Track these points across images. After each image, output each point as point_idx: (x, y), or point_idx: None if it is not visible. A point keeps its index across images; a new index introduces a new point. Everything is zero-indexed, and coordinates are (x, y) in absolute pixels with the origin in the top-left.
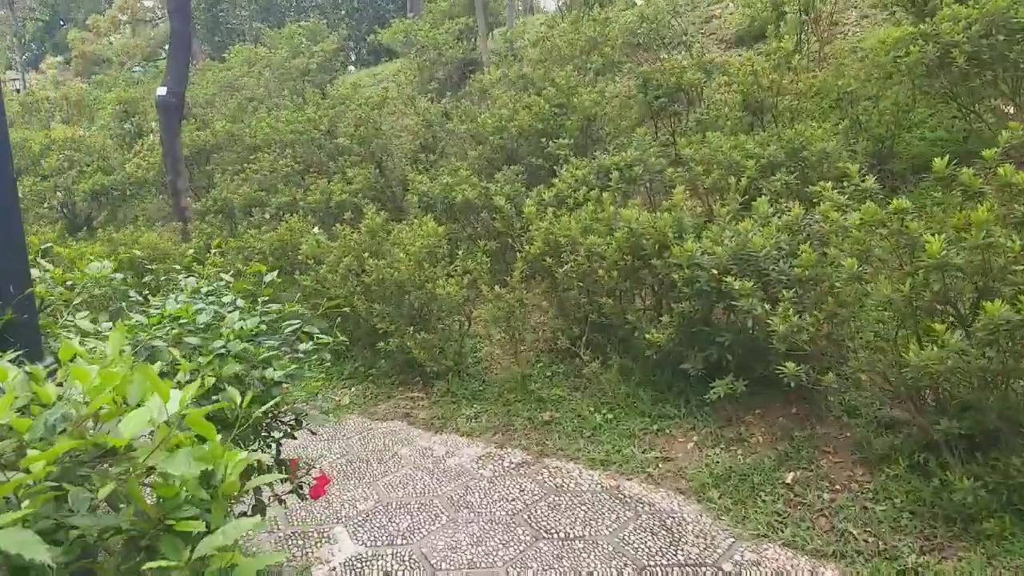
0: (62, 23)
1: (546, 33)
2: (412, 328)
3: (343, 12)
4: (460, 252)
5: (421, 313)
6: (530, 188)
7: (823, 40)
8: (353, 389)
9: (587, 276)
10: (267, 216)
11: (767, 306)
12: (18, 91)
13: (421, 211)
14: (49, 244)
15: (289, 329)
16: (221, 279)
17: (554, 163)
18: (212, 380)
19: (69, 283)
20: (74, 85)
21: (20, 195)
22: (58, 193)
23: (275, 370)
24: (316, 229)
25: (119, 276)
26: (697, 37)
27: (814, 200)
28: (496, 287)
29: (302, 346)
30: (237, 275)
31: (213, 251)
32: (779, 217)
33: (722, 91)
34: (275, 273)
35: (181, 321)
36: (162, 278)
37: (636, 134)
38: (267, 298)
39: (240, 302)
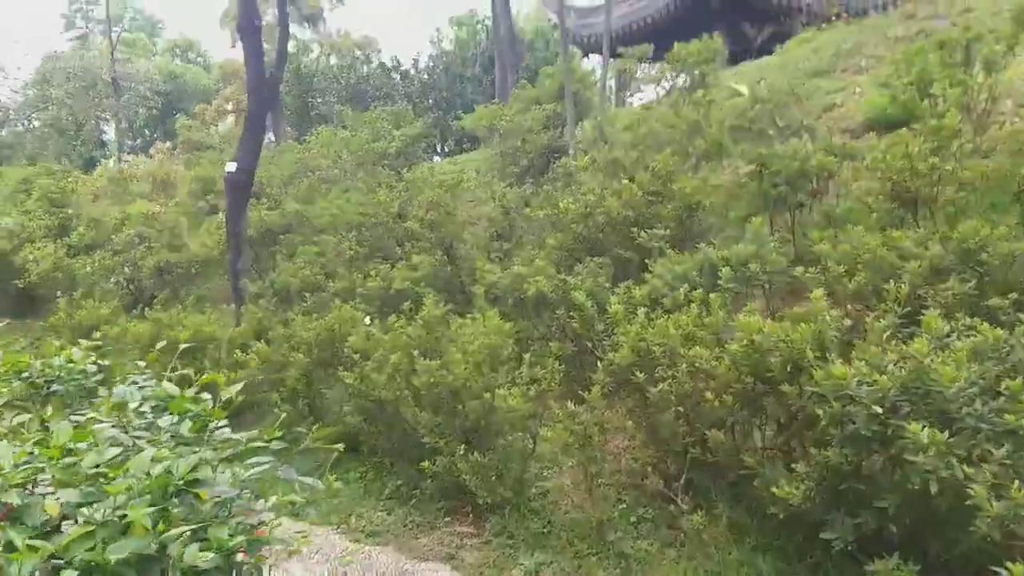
0: (174, 112)
1: (642, 115)
2: (464, 446)
3: (431, 101)
4: (528, 356)
5: (476, 428)
6: (616, 284)
7: (978, 127)
8: (392, 515)
9: (688, 398)
10: (310, 302)
11: (964, 467)
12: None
13: (488, 305)
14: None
15: (249, 474)
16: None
17: (646, 256)
18: None
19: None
20: (163, 165)
21: (90, 270)
22: (125, 269)
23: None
24: (367, 319)
25: (91, 368)
26: (818, 125)
27: (1000, 317)
28: (570, 403)
29: (261, 503)
30: (188, 383)
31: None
32: (957, 338)
33: (862, 178)
34: (236, 387)
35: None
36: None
37: (751, 226)
38: (220, 421)
39: (184, 426)
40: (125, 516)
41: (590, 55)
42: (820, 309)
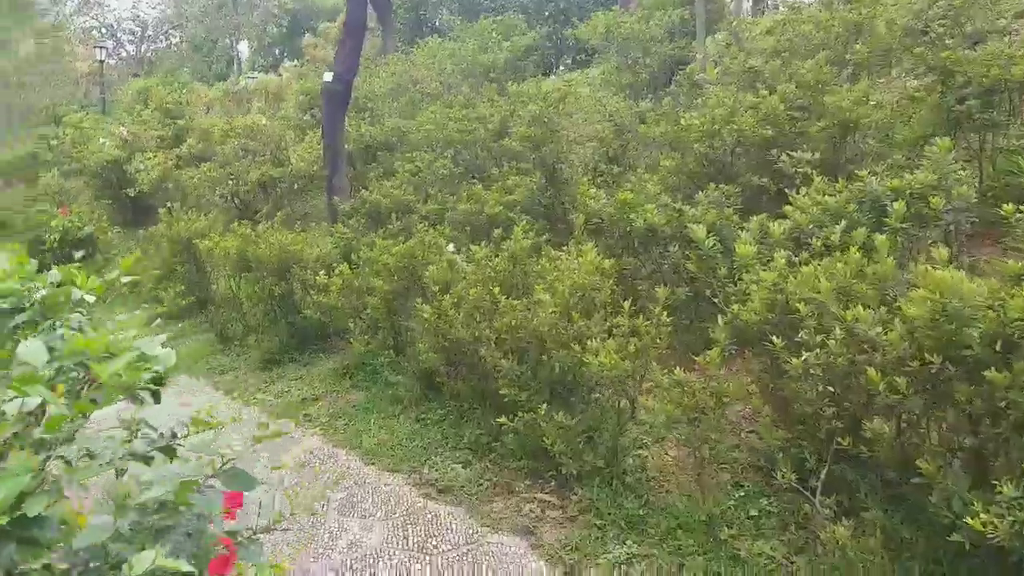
0: (302, 31)
1: (788, 17)
2: (548, 403)
3: (547, 13)
4: (629, 302)
5: (563, 383)
6: (747, 218)
7: None
8: (468, 469)
9: (842, 375)
10: (396, 224)
11: None
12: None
13: (588, 237)
14: None
15: None
16: None
17: (786, 184)
18: None
19: None
20: (275, 79)
21: (196, 181)
22: (229, 181)
23: None
24: (451, 247)
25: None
26: (1016, 29)
27: None
28: (678, 368)
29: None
30: None
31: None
32: None
33: None
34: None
35: None
36: None
37: (932, 149)
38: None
39: None
40: None
41: None
42: None
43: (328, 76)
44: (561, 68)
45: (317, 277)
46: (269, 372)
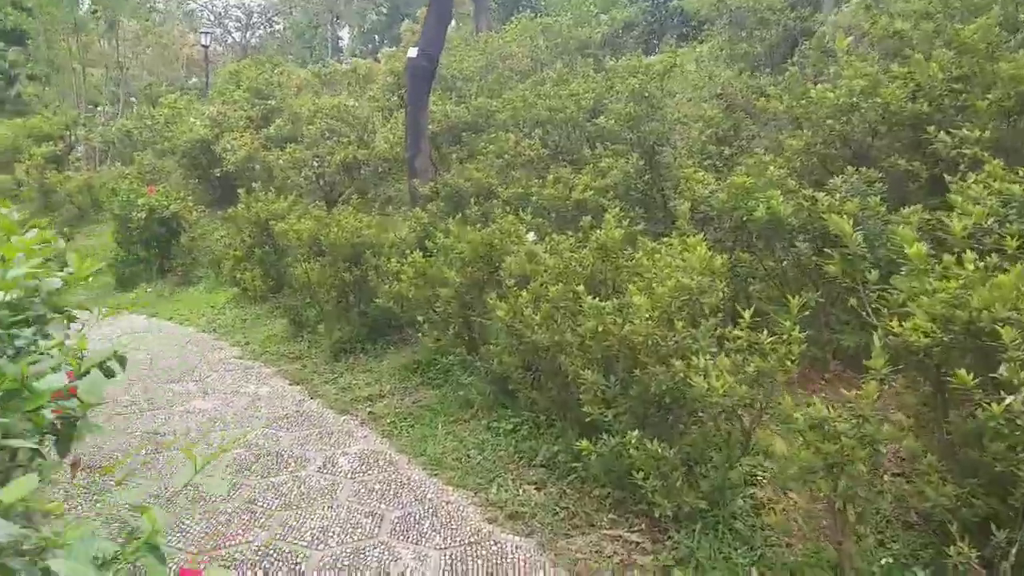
0: (402, 18)
1: None
2: (640, 427)
3: None
4: (748, 309)
5: (660, 405)
6: (894, 208)
7: None
8: (542, 492)
9: None
10: (476, 209)
11: None
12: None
13: (694, 228)
14: None
15: None
16: None
17: (945, 169)
18: None
19: None
20: (368, 62)
21: (282, 162)
22: (314, 163)
23: None
24: (531, 235)
25: None
26: None
27: None
28: (813, 397)
29: None
30: None
31: None
32: None
33: None
34: None
35: None
36: None
37: None
38: None
39: None
40: None
41: None
42: None
43: (413, 52)
44: (664, 45)
45: (389, 264)
46: (338, 363)
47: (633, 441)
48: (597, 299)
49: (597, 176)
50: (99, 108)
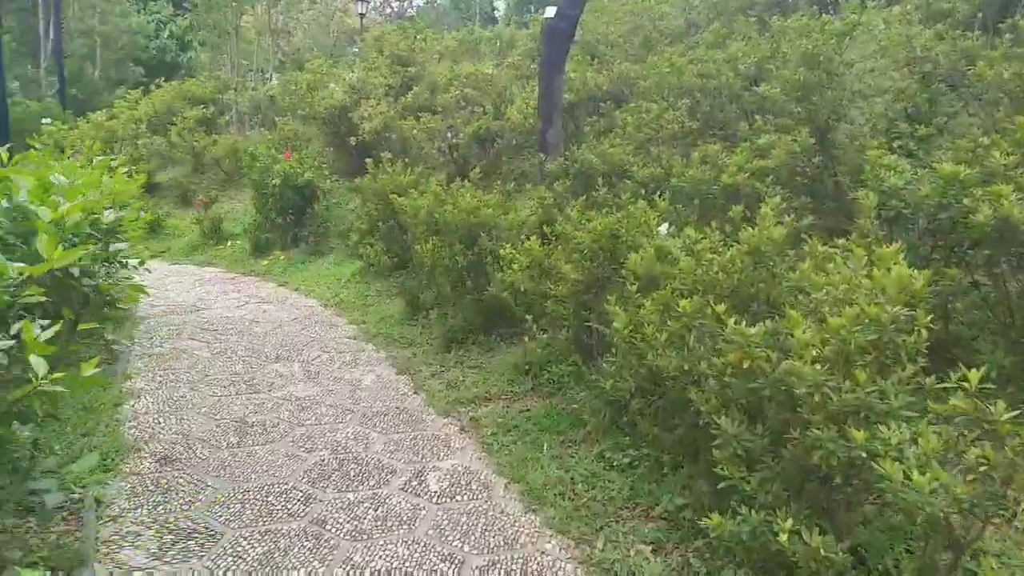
0: None
1: None
2: (793, 501)
3: None
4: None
5: (825, 475)
6: None
7: None
8: (663, 559)
9: None
10: (604, 191)
11: None
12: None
13: (882, 228)
14: None
15: None
16: None
17: None
18: None
19: None
20: (512, 29)
21: (416, 132)
22: (447, 134)
23: None
24: (664, 228)
25: None
26: None
27: None
28: None
29: None
30: None
31: None
32: None
33: None
34: None
35: None
36: None
37: None
38: None
39: None
40: None
41: None
42: None
43: (551, 11)
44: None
45: (503, 249)
46: (448, 353)
47: (787, 527)
48: (744, 322)
49: (754, 156)
50: (251, 73)
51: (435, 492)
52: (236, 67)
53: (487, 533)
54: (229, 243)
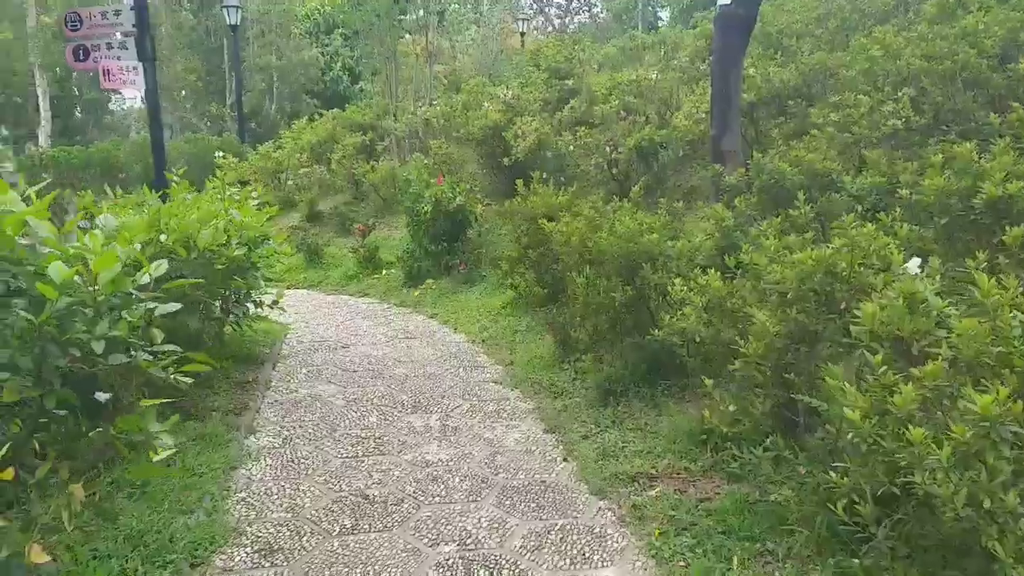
0: None
1: None
2: None
3: None
4: None
5: None
6: None
7: None
8: None
9: None
10: (806, 209)
11: None
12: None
13: None
14: None
15: None
16: None
17: None
18: None
19: None
20: (677, 30)
21: (572, 148)
22: (606, 148)
23: None
24: (913, 263)
25: None
26: None
27: None
28: None
29: None
30: None
31: None
32: None
33: None
34: None
35: None
36: None
37: None
38: None
39: None
40: None
41: None
42: None
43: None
44: None
45: (671, 285)
46: (605, 408)
47: None
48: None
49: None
50: (411, 97)
51: None
52: (394, 92)
53: None
54: (384, 272)
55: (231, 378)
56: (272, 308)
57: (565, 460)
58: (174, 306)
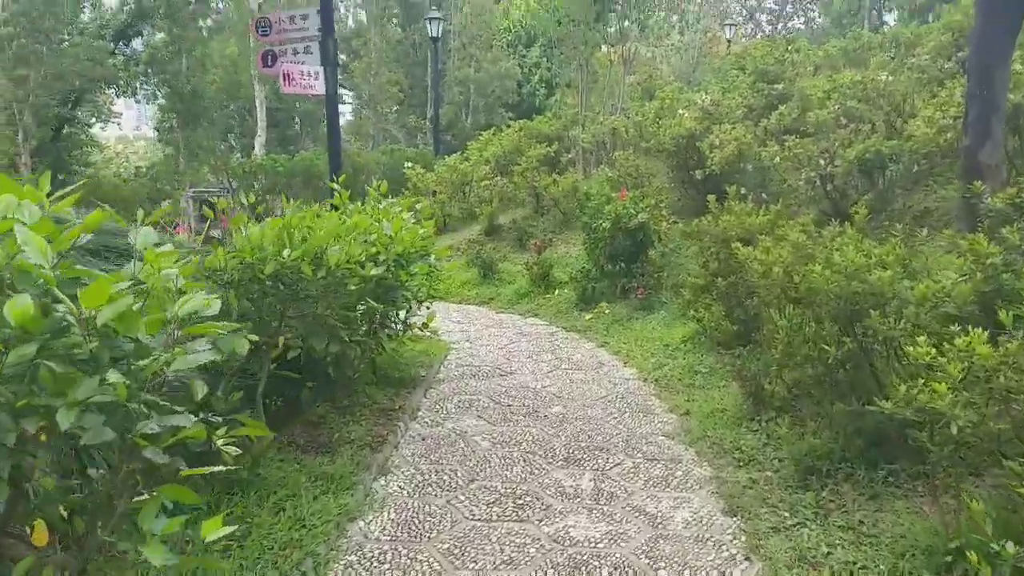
0: None
1: None
2: None
3: None
4: None
5: None
6: None
7: None
8: None
9: None
10: None
11: None
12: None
13: None
14: None
15: None
16: None
17: None
18: None
19: None
20: (914, 26)
21: (779, 160)
22: (820, 160)
23: None
24: None
25: None
26: None
27: None
28: None
29: None
30: None
31: None
32: None
33: None
34: None
35: None
36: None
37: None
38: None
39: None
40: None
41: None
42: None
43: None
44: None
45: (912, 344)
46: (803, 491)
47: None
48: None
49: None
50: (603, 107)
51: None
52: (585, 101)
53: None
54: (556, 292)
55: (377, 404)
56: (423, 330)
57: (748, 559)
58: (204, 356)
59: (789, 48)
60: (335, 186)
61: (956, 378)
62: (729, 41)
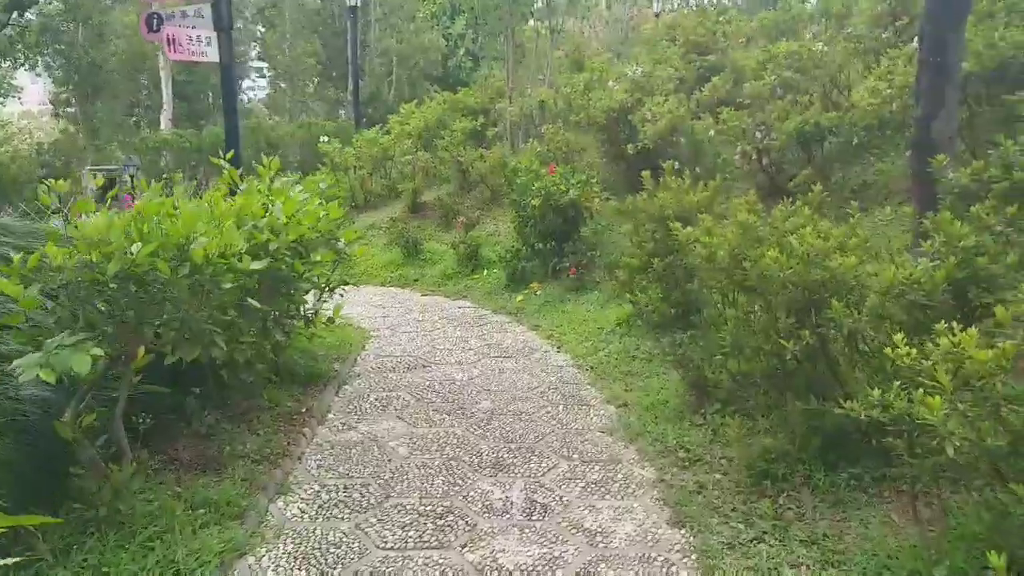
0: None
1: None
2: None
3: None
4: None
5: None
6: None
7: None
8: None
9: None
10: None
11: None
12: None
13: None
14: None
15: None
16: None
17: None
18: None
19: None
20: None
21: (712, 134)
22: (756, 134)
23: None
24: None
25: None
26: None
27: None
28: None
29: None
30: None
31: None
32: None
33: None
34: None
35: None
36: None
37: None
38: None
39: None
40: None
41: None
42: None
43: None
44: None
45: (887, 342)
46: (761, 498)
47: None
48: None
49: None
50: (530, 80)
51: None
52: (511, 74)
53: None
54: (485, 272)
55: (280, 407)
56: (328, 325)
57: None
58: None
59: (720, 19)
60: (221, 162)
61: (948, 389)
62: (657, 15)
